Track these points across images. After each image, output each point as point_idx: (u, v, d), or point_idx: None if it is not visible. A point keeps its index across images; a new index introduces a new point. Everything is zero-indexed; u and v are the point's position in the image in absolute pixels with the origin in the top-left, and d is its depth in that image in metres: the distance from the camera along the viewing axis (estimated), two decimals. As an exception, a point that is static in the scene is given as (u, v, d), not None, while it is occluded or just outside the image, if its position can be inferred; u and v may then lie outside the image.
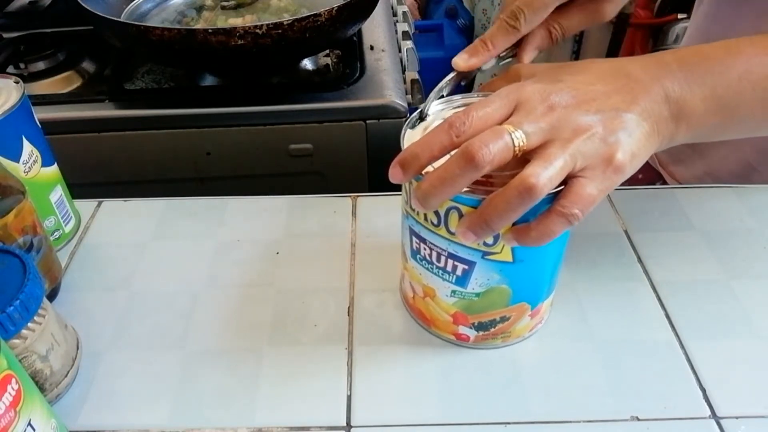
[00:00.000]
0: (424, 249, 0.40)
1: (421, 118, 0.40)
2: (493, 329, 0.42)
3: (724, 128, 0.40)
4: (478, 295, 0.40)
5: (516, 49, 0.44)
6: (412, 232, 0.40)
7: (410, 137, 0.39)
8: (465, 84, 0.47)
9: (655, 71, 0.37)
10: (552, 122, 0.34)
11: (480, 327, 0.42)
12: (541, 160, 0.33)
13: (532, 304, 0.42)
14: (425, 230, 0.38)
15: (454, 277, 0.39)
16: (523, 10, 0.42)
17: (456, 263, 0.38)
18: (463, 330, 0.43)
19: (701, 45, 0.39)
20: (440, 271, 0.40)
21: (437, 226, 0.37)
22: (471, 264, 0.38)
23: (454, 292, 0.40)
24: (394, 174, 0.35)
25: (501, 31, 0.42)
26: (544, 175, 0.32)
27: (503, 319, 0.42)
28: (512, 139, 0.33)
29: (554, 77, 0.37)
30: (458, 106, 0.42)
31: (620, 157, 0.34)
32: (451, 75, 0.42)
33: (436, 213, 0.37)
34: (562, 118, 0.34)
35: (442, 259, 0.39)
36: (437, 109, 0.42)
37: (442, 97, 0.42)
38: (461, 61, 0.42)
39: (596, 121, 0.34)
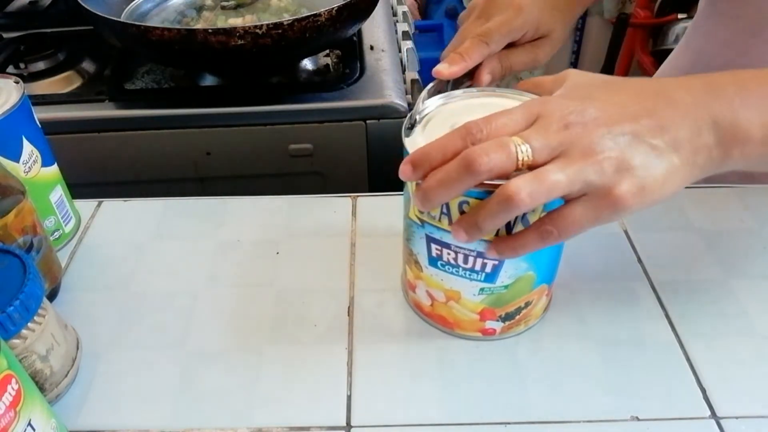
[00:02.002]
0: (448, 254, 0.39)
1: (411, 125, 0.40)
2: (518, 317, 0.43)
3: None
4: (506, 287, 0.40)
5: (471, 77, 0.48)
6: (431, 240, 0.40)
7: (411, 140, 0.39)
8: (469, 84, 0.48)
9: (703, 95, 0.35)
10: (563, 141, 0.33)
11: (506, 317, 0.43)
12: (532, 175, 0.32)
13: (548, 282, 0.43)
14: (450, 234, 0.38)
15: (483, 275, 0.40)
16: (492, 30, 0.47)
17: (485, 260, 0.39)
18: (489, 324, 0.43)
19: (761, 69, 0.37)
20: (467, 272, 0.40)
21: None
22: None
23: (482, 289, 0.41)
24: (405, 171, 0.35)
25: (474, 45, 0.46)
26: (526, 190, 0.32)
27: (527, 305, 0.43)
28: (517, 152, 0.33)
29: (589, 93, 0.36)
30: (460, 101, 0.42)
31: (622, 191, 0.32)
32: (432, 84, 0.45)
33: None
34: (575, 138, 0.33)
35: (470, 259, 0.39)
36: (438, 103, 0.42)
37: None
38: (444, 69, 0.45)
39: (610, 147, 0.33)
